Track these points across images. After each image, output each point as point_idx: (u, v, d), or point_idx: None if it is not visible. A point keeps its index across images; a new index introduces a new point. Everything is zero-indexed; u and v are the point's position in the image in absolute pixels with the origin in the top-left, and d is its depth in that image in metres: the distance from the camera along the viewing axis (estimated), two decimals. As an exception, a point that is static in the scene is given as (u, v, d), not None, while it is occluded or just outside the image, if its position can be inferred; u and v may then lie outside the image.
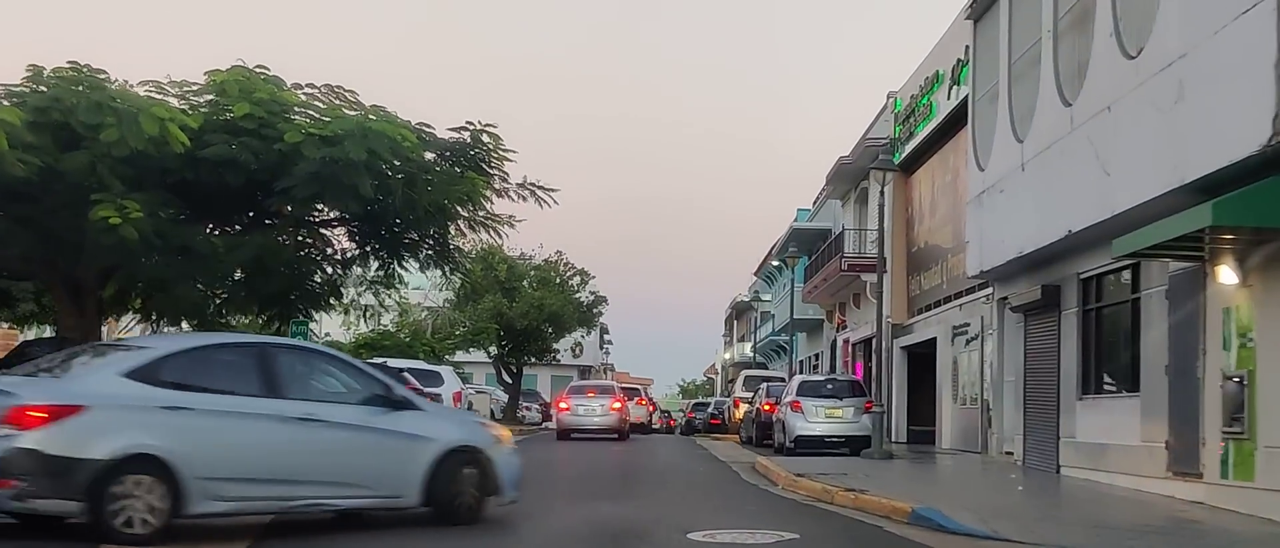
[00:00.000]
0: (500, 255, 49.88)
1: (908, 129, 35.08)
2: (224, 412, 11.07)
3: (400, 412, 12.23)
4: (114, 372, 10.92)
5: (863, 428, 27.71)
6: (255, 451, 11.17)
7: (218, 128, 16.54)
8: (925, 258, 34.57)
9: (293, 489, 11.40)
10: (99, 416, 10.43)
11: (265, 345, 12.53)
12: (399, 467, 12.02)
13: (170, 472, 10.51)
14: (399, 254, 21.37)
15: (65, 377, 11.10)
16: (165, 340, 13.66)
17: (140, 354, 11.25)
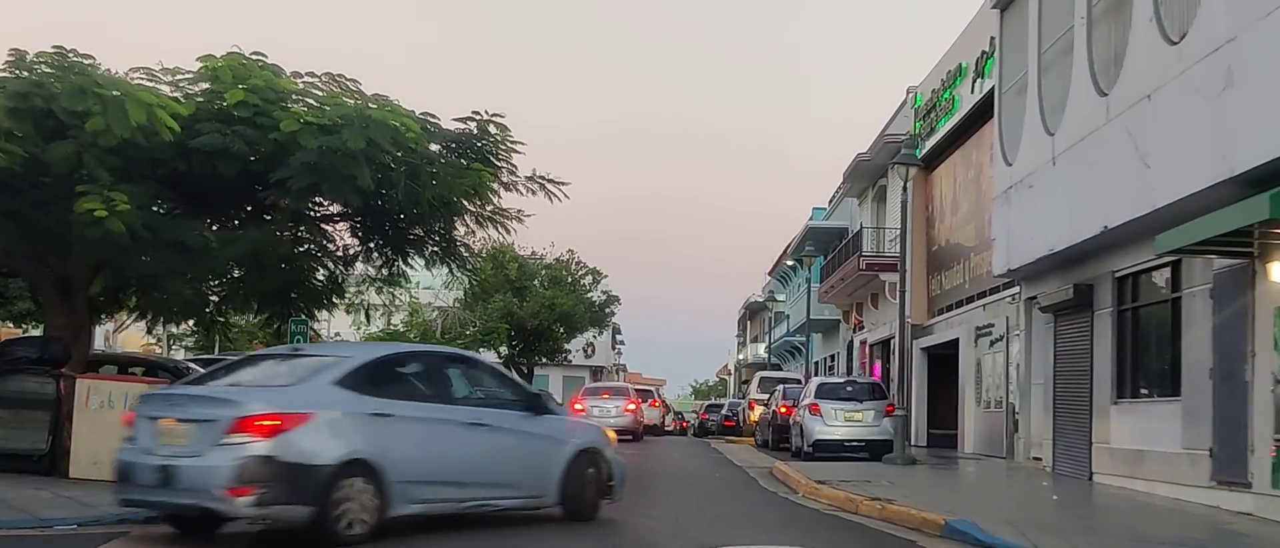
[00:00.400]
0: (511, 254, 49.14)
1: (928, 125, 34.17)
2: (417, 418, 11.70)
3: (541, 416, 13.22)
4: (328, 380, 11.29)
5: (884, 432, 26.81)
6: (441, 455, 11.85)
7: (210, 116, 15.72)
8: (946, 257, 33.66)
9: (466, 491, 12.15)
10: (322, 423, 10.88)
11: (436, 354, 13.91)
12: (542, 468, 12.88)
13: (379, 476, 11.08)
14: (403, 251, 20.53)
15: (281, 385, 11.29)
16: (354, 348, 14.65)
17: (344, 362, 11.67)
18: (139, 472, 10.91)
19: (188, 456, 10.60)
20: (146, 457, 10.89)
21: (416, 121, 16.55)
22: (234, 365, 12.54)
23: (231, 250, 16.13)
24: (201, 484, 10.47)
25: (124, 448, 11.34)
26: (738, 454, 31.68)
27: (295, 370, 11.69)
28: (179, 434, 10.82)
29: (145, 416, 11.24)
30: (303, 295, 20.34)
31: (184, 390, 11.75)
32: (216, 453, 10.46)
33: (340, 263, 20.64)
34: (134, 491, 11.09)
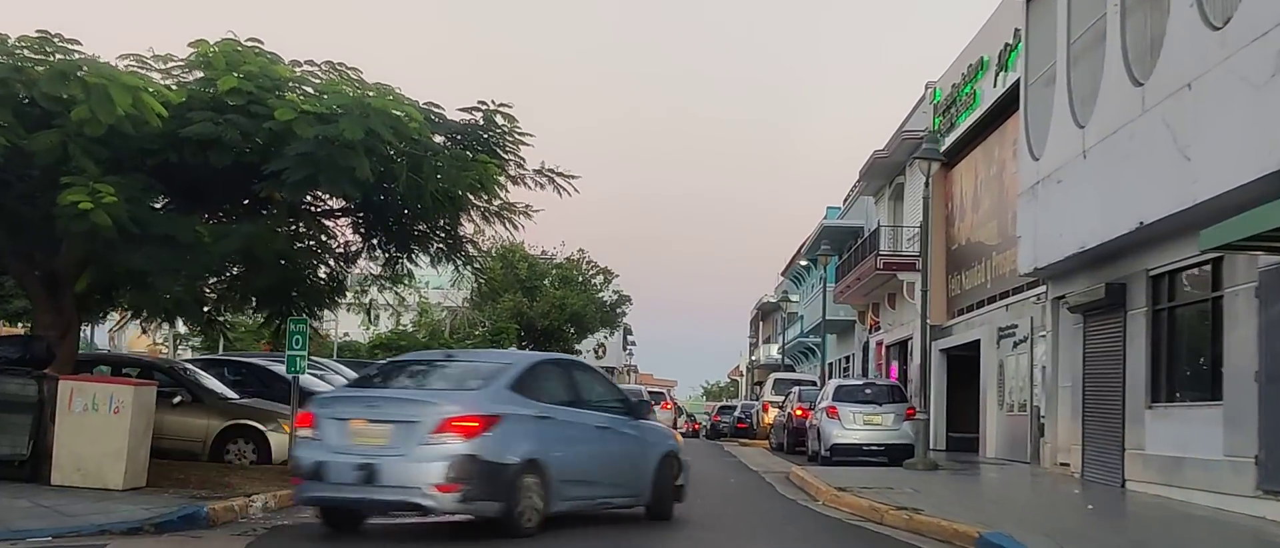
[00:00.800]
0: (521, 253, 48.40)
1: (948, 120, 33.34)
2: (566, 421, 12.60)
3: (638, 420, 14.06)
4: (504, 384, 12.14)
5: (904, 436, 25.99)
6: (582, 455, 12.67)
7: (203, 104, 14.93)
8: (967, 256, 32.82)
9: (595, 490, 12.95)
10: (509, 425, 11.71)
11: (569, 360, 14.95)
12: (643, 470, 13.66)
13: (544, 475, 11.91)
14: (407, 247, 19.74)
15: (469, 389, 12.06)
16: (505, 355, 15.71)
17: (511, 368, 12.64)
18: (334, 470, 11.42)
19: (392, 455, 11.25)
20: (341, 456, 11.43)
21: (419, 111, 15.75)
22: (391, 369, 13.50)
23: (224, 246, 15.32)
24: (409, 481, 11.18)
25: (305, 447, 11.90)
26: (752, 458, 30.88)
27: (470, 375, 12.58)
28: (377, 434, 11.45)
29: (330, 416, 11.84)
30: (303, 294, 19.56)
31: (371, 393, 12.43)
32: (423, 452, 11.20)
33: (341, 260, 19.87)
34: (326, 488, 11.56)
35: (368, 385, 13.06)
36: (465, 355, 14.68)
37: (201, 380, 20.40)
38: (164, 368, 20.64)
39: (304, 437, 12.05)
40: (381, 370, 13.62)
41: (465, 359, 13.92)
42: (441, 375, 12.79)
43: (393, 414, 11.52)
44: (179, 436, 19.18)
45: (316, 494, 11.79)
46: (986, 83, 29.57)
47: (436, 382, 12.58)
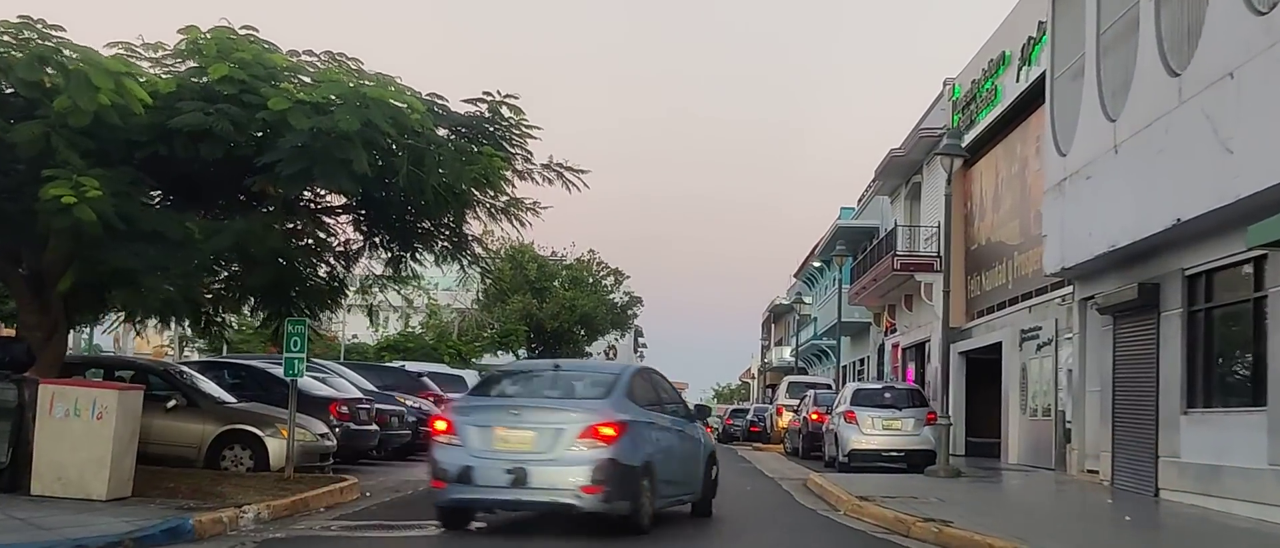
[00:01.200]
0: (530, 254, 47.65)
1: (968, 117, 32.52)
2: (662, 426, 13.72)
3: (695, 422, 15.43)
4: (622, 393, 13.09)
5: (924, 442, 25.19)
6: (671, 457, 13.71)
7: (193, 94, 14.20)
8: (987, 256, 31.99)
9: (674, 489, 13.90)
10: (633, 431, 12.67)
11: (650, 369, 15.71)
12: (699, 470, 14.80)
13: (653, 475, 12.90)
14: (411, 246, 19.01)
15: (597, 397, 12.99)
16: (612, 366, 16.80)
17: (623, 376, 13.65)
18: (482, 473, 12.26)
19: (540, 459, 12.17)
20: (488, 460, 12.27)
21: (421, 103, 15.02)
22: (505, 378, 14.64)
23: (216, 243, 14.56)
24: (559, 484, 12.15)
25: (448, 452, 12.59)
26: (767, 464, 30.07)
27: (590, 384, 13.74)
28: (521, 440, 12.32)
29: (471, 423, 12.65)
30: (302, 294, 18.80)
31: (504, 401, 13.18)
32: (569, 456, 12.19)
33: (342, 259, 19.12)
34: (475, 490, 12.37)
35: (493, 394, 13.71)
36: (571, 365, 16.06)
37: (197, 384, 19.68)
38: (158, 371, 19.93)
39: (444, 443, 12.73)
40: (496, 379, 14.76)
41: (575, 369, 15.40)
42: (560, 384, 13.79)
43: (535, 421, 12.44)
44: (173, 441, 18.47)
45: (464, 496, 12.54)
46: (1008, 78, 28.76)
47: (560, 390, 13.57)
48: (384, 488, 18.54)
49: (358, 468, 21.81)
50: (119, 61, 13.25)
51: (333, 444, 19.68)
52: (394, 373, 29.06)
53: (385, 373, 28.92)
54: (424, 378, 28.98)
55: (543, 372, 14.71)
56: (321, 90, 13.93)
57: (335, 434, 20.43)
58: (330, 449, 19.61)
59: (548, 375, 14.19)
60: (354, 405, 21.58)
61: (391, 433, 23.77)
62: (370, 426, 22.10)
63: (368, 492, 17.39)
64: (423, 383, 28.50)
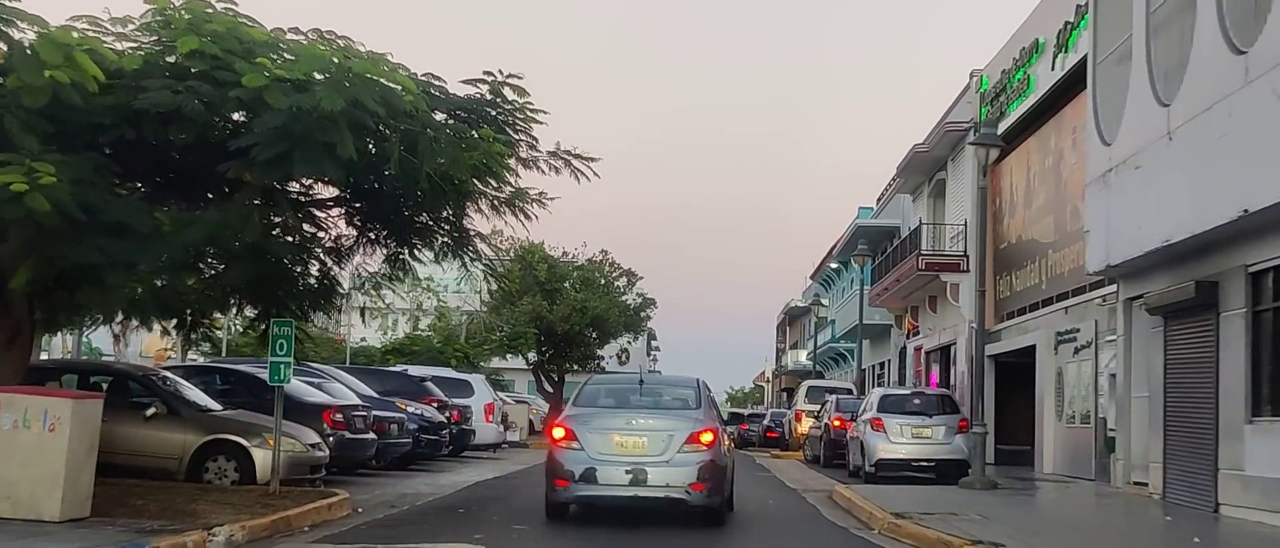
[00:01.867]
0: (540, 254, 46.24)
1: (997, 109, 31.06)
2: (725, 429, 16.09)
3: (725, 427, 16.90)
4: (706, 403, 15.94)
5: (956, 451, 23.75)
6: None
7: (161, 71, 12.84)
8: (1017, 256, 30.52)
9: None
10: (721, 436, 15.19)
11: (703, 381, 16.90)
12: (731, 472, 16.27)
13: (732, 474, 16.11)
14: (408, 241, 17.64)
15: (693, 408, 15.46)
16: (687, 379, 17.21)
17: (701, 389, 16.24)
18: (604, 474, 14.34)
19: (655, 461, 14.32)
20: (609, 462, 14.38)
21: (415, 83, 13.61)
22: (601, 389, 16.68)
23: (187, 236, 13.16)
24: (672, 481, 14.27)
25: (569, 455, 14.56)
26: (787, 472, 28.65)
27: (679, 395, 16.06)
28: (636, 445, 14.47)
29: (590, 430, 14.68)
30: (289, 293, 17.41)
31: (615, 409, 15.43)
32: (680, 458, 14.33)
33: (333, 256, 17.74)
34: (597, 488, 14.40)
35: (599, 405, 15.72)
36: (651, 379, 17.18)
37: (181, 391, 18.38)
38: (138, 377, 18.62)
39: (564, 447, 14.66)
40: (593, 393, 16.38)
41: (656, 382, 17.20)
42: (653, 394, 16.01)
43: (647, 428, 14.68)
44: (152, 453, 17.21)
45: (588, 493, 14.56)
46: (1042, 66, 27.30)
47: (655, 401, 15.77)
48: (379, 503, 17.20)
49: (354, 480, 20.49)
50: (67, 33, 11.86)
51: (325, 455, 18.33)
52: (396, 378, 27.70)
53: (386, 378, 27.56)
54: (427, 383, 27.61)
55: (632, 384, 16.69)
56: (302, 66, 12.54)
57: (329, 444, 19.11)
58: (322, 461, 18.26)
59: (637, 387, 16.29)
60: (350, 413, 20.22)
61: (391, 442, 22.41)
62: (367, 434, 20.75)
63: (360, 508, 16.06)
64: (426, 388, 27.13)
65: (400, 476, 22.28)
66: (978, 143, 21.89)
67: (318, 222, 17.43)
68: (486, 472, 25.23)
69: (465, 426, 29.17)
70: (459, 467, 25.97)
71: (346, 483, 20.01)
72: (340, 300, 19.46)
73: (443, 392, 29.24)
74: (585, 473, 14.37)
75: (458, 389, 30.80)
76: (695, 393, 16.03)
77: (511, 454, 33.18)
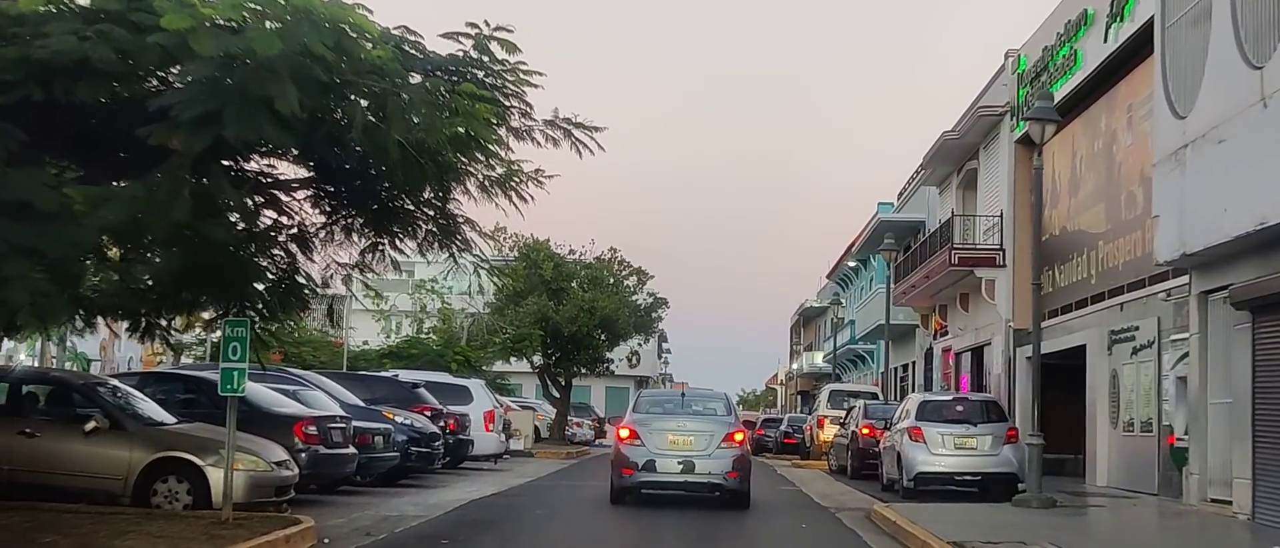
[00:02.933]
0: (546, 252, 43.85)
1: (1038, 90, 28.67)
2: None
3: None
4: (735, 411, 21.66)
5: (1004, 463, 21.40)
6: None
7: (70, 15, 10.54)
8: (1062, 248, 28.13)
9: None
10: (748, 436, 21.61)
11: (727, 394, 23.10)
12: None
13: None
14: (387, 229, 15.31)
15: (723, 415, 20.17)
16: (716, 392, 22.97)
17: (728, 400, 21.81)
18: (661, 464, 18.70)
19: (700, 455, 18.68)
20: (665, 452, 18.78)
21: (378, 28, 11.28)
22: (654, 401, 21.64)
23: (103, 216, 10.82)
24: (714, 471, 18.65)
25: (634, 450, 18.90)
26: (813, 485, 26.29)
27: (712, 404, 20.78)
28: (688, 443, 18.84)
29: (649, 430, 19.06)
30: (247, 290, 15.04)
31: (667, 413, 19.96)
32: (719, 453, 18.72)
33: (299, 245, 15.39)
34: (656, 476, 18.79)
35: (653, 412, 20.06)
36: (690, 392, 22.98)
37: (131, 402, 16.12)
38: (78, 386, 16.36)
39: (630, 443, 18.99)
40: (647, 404, 20.87)
41: (694, 395, 22.26)
42: (694, 404, 20.67)
43: (694, 429, 19.03)
44: (92, 472, 15.09)
45: (649, 479, 18.84)
46: (1091, 40, 24.90)
47: (696, 409, 20.31)
48: (352, 530, 14.93)
49: (332, 500, 18.25)
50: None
51: (293, 474, 16.03)
52: (385, 384, 25.38)
53: (375, 384, 25.26)
54: (420, 389, 25.27)
55: (676, 397, 21.78)
56: (236, 5, 10.17)
57: (300, 460, 16.84)
58: (290, 480, 15.96)
59: (680, 399, 21.14)
60: (325, 425, 17.91)
61: (375, 456, 20.11)
62: (346, 448, 18.43)
63: (327, 538, 13.80)
64: (418, 395, 24.80)
65: (386, 494, 19.99)
66: (1033, 118, 19.46)
67: (280, 206, 15.12)
68: (485, 487, 22.93)
69: (463, 435, 26.87)
70: (455, 481, 23.69)
71: (323, 504, 17.79)
72: (312, 298, 17.12)
73: (438, 399, 26.94)
74: (647, 464, 18.75)
75: (455, 396, 28.49)
76: (725, 404, 21.02)
77: (515, 465, 30.87)
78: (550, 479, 26.34)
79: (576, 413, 54.82)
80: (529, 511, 18.39)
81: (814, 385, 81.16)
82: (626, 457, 18.95)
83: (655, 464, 18.68)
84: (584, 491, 22.86)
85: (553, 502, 19.97)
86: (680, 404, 20.55)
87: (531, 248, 44.06)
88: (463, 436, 26.81)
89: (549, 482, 25.47)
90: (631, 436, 19.14)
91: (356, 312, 67.34)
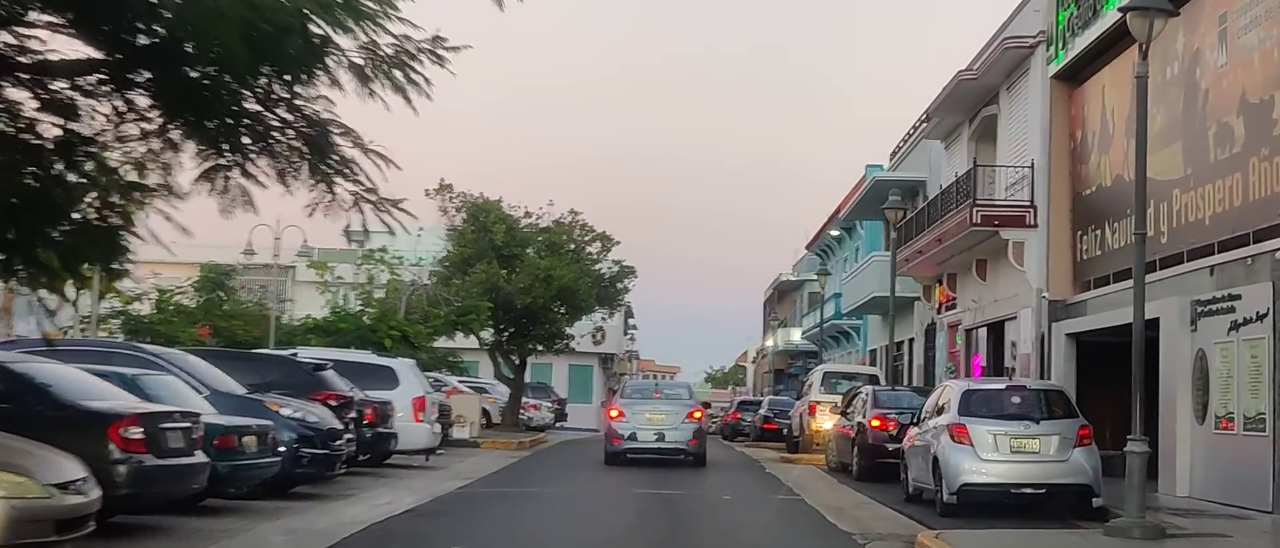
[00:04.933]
0: (496, 213, 38.59)
1: (1083, 15, 23.73)
2: None
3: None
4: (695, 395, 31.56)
5: (1075, 472, 16.55)
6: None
7: None
8: (1111, 203, 23.26)
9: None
10: (705, 413, 31.69)
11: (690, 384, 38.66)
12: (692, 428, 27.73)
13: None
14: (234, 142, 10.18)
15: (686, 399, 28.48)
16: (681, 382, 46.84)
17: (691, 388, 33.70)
18: (642, 436, 26.18)
19: (670, 428, 26.27)
20: (644, 427, 26.26)
21: None
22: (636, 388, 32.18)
23: None
24: (680, 440, 26.27)
25: (622, 424, 26.46)
26: (815, 492, 21.37)
27: (678, 390, 30.34)
28: (660, 419, 26.39)
29: (633, 410, 26.75)
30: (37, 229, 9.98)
31: (644, 397, 28.54)
32: (684, 426, 26.41)
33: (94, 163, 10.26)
34: (637, 444, 26.25)
35: (635, 397, 28.42)
36: (664, 384, 39.12)
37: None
38: None
39: (618, 420, 26.58)
40: (630, 390, 30.33)
41: (667, 385, 36.36)
42: (664, 391, 30.24)
43: (665, 409, 26.87)
44: None
45: (632, 446, 26.29)
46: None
47: (667, 394, 29.23)
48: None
49: (171, 525, 13.23)
50: None
51: (88, 499, 10.87)
52: (280, 365, 20.23)
53: (267, 366, 20.12)
54: (325, 372, 20.06)
55: (652, 386, 34.09)
56: None
57: (116, 475, 11.83)
58: (84, 509, 10.80)
59: (656, 387, 32.28)
60: (155, 425, 12.72)
61: (244, 463, 14.92)
62: (191, 456, 13.26)
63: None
64: (320, 380, 19.62)
65: (257, 512, 14.91)
66: (1135, 7, 14.33)
67: (63, 107, 9.99)
68: (403, 497, 17.94)
69: (383, 428, 21.75)
70: (365, 490, 18.65)
71: (158, 531, 12.83)
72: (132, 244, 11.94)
73: (355, 383, 21.87)
74: (631, 435, 26.13)
75: (376, 379, 23.41)
76: (688, 391, 30.05)
77: (453, 461, 25.78)
78: (489, 484, 21.26)
79: (534, 394, 49.73)
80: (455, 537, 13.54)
81: (789, 364, 76.34)
82: (616, 430, 26.42)
83: (637, 436, 26.18)
84: (528, 506, 17.85)
85: (478, 530, 14.91)
86: (655, 391, 29.97)
87: (480, 208, 38.86)
88: (383, 428, 21.70)
89: (485, 488, 20.40)
90: (620, 415, 26.68)
91: (302, 284, 62.32)
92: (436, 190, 38.76)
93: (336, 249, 75.47)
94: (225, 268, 39.51)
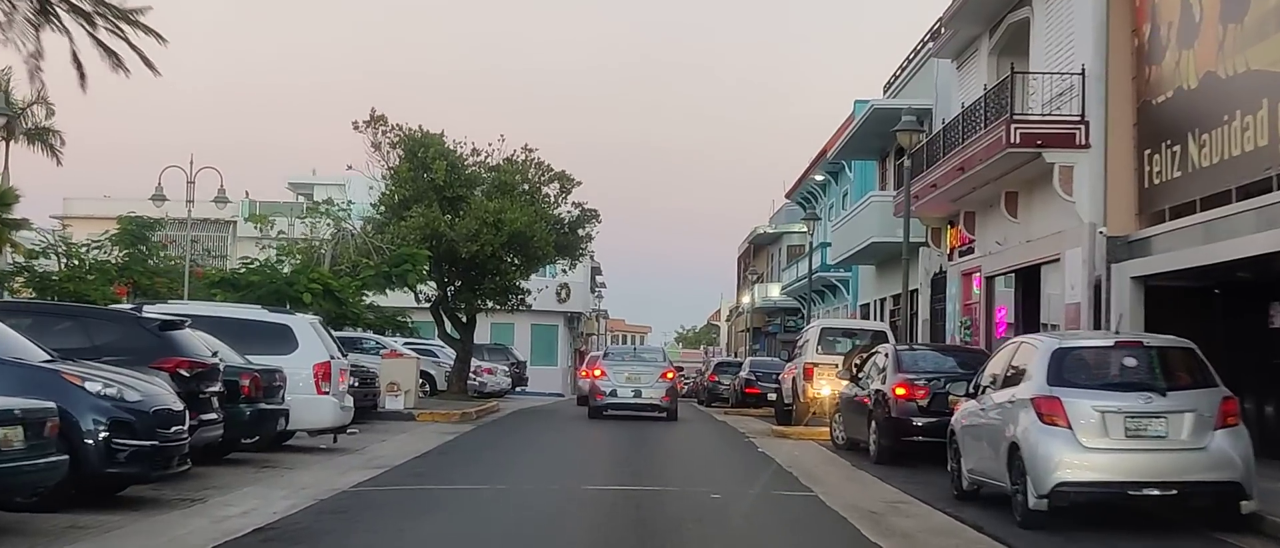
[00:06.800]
0: (437, 148, 33.38)
1: None
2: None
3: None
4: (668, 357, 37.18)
5: (1220, 465, 11.63)
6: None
7: None
8: (1196, 110, 18.43)
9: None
10: (677, 373, 38.08)
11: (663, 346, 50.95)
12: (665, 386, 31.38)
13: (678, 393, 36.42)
14: None
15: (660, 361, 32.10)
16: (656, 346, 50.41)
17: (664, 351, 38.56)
18: (620, 392, 29.35)
19: (646, 386, 29.53)
20: (623, 386, 29.45)
21: None
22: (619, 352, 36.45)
23: None
24: (654, 398, 29.58)
25: (604, 383, 29.71)
26: (825, 478, 16.56)
27: (654, 354, 34.14)
28: (638, 378, 29.91)
29: (613, 370, 29.95)
30: None
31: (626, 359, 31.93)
32: (657, 385, 29.59)
33: None
34: (618, 400, 29.43)
35: (616, 359, 31.69)
36: (641, 348, 50.27)
37: None
38: None
39: (600, 378, 30.06)
40: (611, 354, 33.63)
41: (644, 349, 47.95)
42: (641, 353, 34.78)
43: (641, 369, 30.13)
44: None
45: (613, 401, 29.40)
46: None
47: (643, 356, 32.73)
48: None
49: None
50: None
51: None
52: (116, 325, 15.08)
53: (96, 325, 15.04)
54: (178, 332, 14.93)
55: (630, 350, 41.21)
56: None
57: None
58: None
59: (634, 352, 36.38)
60: None
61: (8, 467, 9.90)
62: None
63: None
64: (170, 343, 14.52)
65: (24, 534, 9.91)
66: None
67: None
68: (273, 502, 13.00)
69: (270, 403, 16.77)
70: (232, 485, 13.73)
71: None
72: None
73: (237, 345, 16.94)
74: (612, 392, 29.55)
75: (267, 340, 18.44)
76: (661, 354, 34.12)
77: (372, 440, 20.78)
78: (402, 476, 16.17)
79: (490, 356, 44.70)
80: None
81: (768, 322, 71.65)
82: (599, 387, 29.87)
83: (617, 392, 29.48)
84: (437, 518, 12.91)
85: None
86: (633, 355, 33.79)
87: (418, 142, 33.63)
88: (268, 403, 16.70)
89: (395, 483, 15.35)
90: (602, 374, 30.05)
91: (243, 239, 56.87)
92: (366, 123, 33.55)
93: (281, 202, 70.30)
94: (148, 221, 34.31)
